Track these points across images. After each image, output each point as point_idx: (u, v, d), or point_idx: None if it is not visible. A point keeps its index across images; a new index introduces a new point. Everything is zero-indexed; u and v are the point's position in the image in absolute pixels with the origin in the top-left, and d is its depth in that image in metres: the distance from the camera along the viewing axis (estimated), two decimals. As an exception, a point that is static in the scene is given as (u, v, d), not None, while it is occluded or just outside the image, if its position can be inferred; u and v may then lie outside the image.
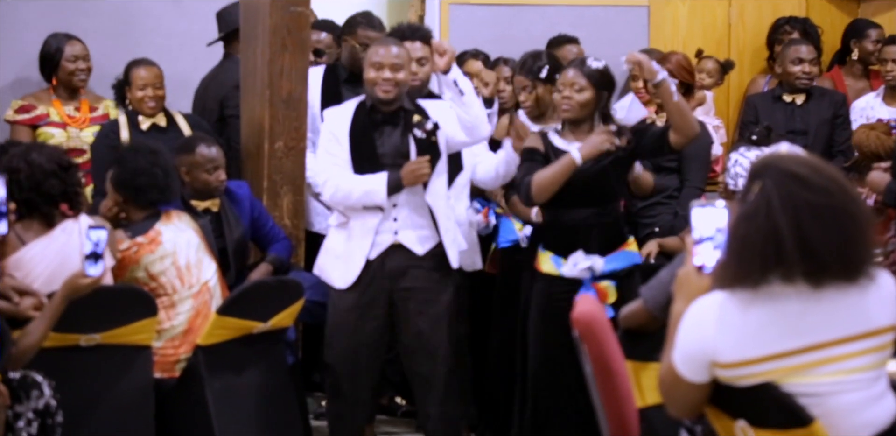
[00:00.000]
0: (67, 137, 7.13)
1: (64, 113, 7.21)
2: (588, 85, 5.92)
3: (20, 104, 7.22)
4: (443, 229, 5.98)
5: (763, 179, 3.38)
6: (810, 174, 3.36)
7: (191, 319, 5.89)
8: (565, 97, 5.93)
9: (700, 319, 3.42)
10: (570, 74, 5.95)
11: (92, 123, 7.23)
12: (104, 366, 5.55)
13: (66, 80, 7.23)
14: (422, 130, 5.90)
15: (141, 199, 5.97)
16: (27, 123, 7.17)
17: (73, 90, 7.27)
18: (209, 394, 5.73)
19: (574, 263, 5.83)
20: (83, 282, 5.00)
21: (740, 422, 3.40)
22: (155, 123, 6.93)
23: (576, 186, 5.84)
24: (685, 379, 3.44)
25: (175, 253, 5.93)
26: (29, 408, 4.91)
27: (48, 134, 7.11)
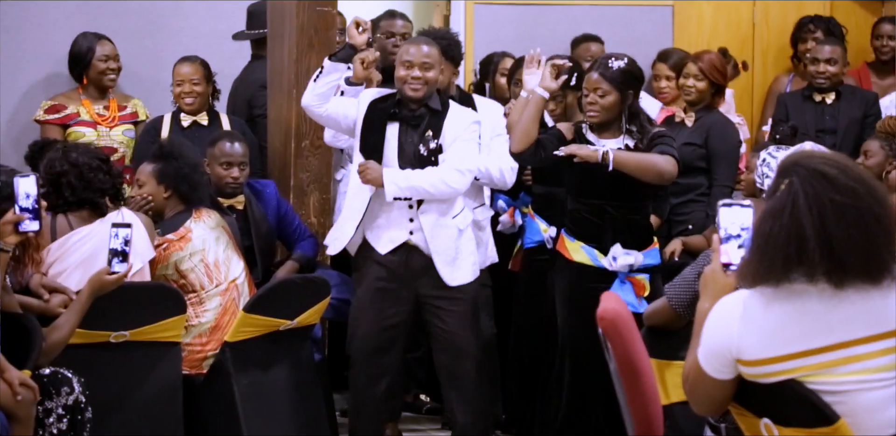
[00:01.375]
0: (98, 135, 7.15)
1: (94, 112, 7.22)
2: (611, 88, 5.86)
3: (50, 104, 7.24)
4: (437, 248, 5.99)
5: (791, 176, 3.36)
6: (838, 174, 3.33)
7: (218, 316, 5.90)
8: (589, 103, 5.90)
9: (724, 316, 3.41)
10: (593, 78, 5.89)
11: (121, 122, 7.26)
12: (133, 362, 5.58)
13: (97, 79, 7.25)
14: (426, 148, 5.96)
15: (192, 195, 6.00)
16: (57, 122, 7.19)
17: (103, 89, 7.29)
18: (236, 390, 5.75)
19: (614, 257, 5.82)
20: (109, 279, 5.04)
21: (765, 420, 3.38)
22: (196, 121, 6.96)
23: (596, 182, 5.84)
24: (710, 376, 3.41)
25: (204, 250, 5.94)
26: (59, 404, 4.93)
27: (79, 133, 7.13)
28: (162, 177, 6.03)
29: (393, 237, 6.01)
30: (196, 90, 6.95)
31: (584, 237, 5.91)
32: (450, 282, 5.99)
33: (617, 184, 5.83)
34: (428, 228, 5.96)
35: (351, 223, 6.04)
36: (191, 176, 6.00)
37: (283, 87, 6.83)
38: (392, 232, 6.00)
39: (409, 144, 5.99)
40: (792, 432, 3.34)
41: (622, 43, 8.06)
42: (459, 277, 6.03)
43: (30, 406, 4.73)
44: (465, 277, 6.05)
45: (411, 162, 5.96)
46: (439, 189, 5.92)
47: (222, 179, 6.32)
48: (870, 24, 8.55)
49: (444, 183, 5.92)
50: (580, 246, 5.90)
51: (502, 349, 6.70)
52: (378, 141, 5.99)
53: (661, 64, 7.78)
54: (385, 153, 5.98)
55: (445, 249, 5.99)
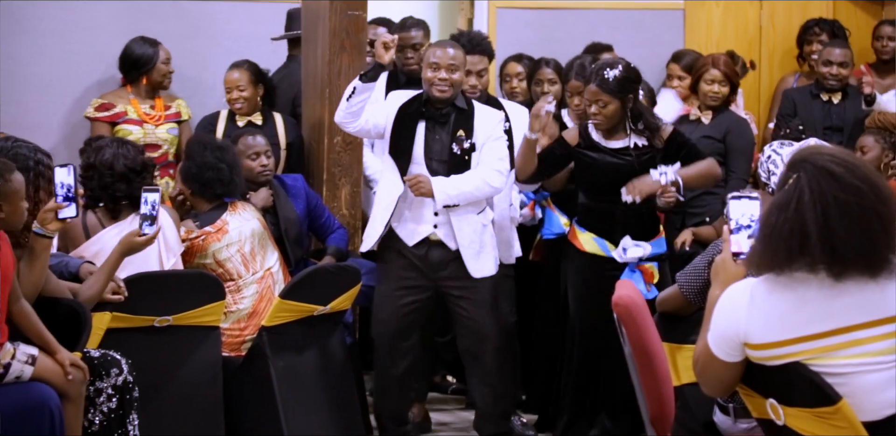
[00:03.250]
0: (144, 133, 7.18)
1: (141, 111, 7.26)
2: (611, 97, 5.90)
3: (100, 102, 7.27)
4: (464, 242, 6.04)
5: (799, 172, 3.37)
6: (844, 173, 3.33)
7: (255, 302, 5.94)
8: (592, 113, 5.94)
9: (733, 302, 3.43)
10: (591, 90, 5.92)
11: (166, 121, 7.29)
12: (176, 345, 5.61)
13: (158, 81, 7.29)
14: (459, 147, 5.99)
15: (207, 192, 6.03)
16: (106, 120, 7.22)
17: (155, 90, 7.34)
18: (273, 372, 5.78)
19: (624, 249, 5.86)
20: (139, 240, 5.15)
21: (771, 400, 3.41)
22: (251, 120, 7.00)
23: (606, 180, 5.91)
24: (719, 359, 3.44)
25: (240, 241, 5.98)
26: (109, 384, 4.97)
27: (126, 131, 7.16)
28: (182, 176, 6.13)
29: (418, 231, 6.06)
30: (243, 96, 6.98)
31: (595, 230, 5.97)
32: (475, 274, 6.04)
33: (619, 185, 5.89)
34: (456, 223, 6.00)
35: (381, 221, 6.10)
36: (199, 175, 6.02)
37: (316, 87, 6.86)
38: (418, 226, 6.06)
39: (436, 141, 6.02)
40: (796, 411, 3.37)
41: (636, 45, 8.08)
42: (483, 269, 6.07)
43: (80, 386, 4.77)
44: (488, 269, 6.10)
45: (439, 158, 6.01)
46: (483, 191, 6.01)
47: (254, 170, 6.35)
48: (870, 26, 8.54)
49: (486, 184, 5.99)
50: (591, 237, 5.95)
51: (527, 334, 6.73)
52: (408, 144, 6.03)
53: (675, 64, 7.78)
54: (413, 152, 6.03)
55: (471, 243, 6.03)
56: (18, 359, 4.61)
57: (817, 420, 3.33)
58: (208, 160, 6.00)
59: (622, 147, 5.96)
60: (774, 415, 3.40)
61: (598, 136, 6.01)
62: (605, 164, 5.95)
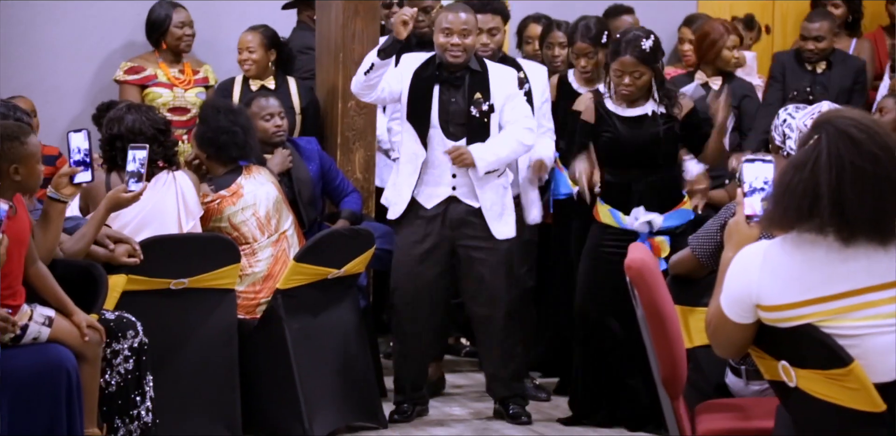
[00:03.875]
0: (174, 96, 7.19)
1: (170, 74, 7.26)
2: (647, 69, 5.81)
3: (129, 66, 7.28)
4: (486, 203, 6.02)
5: (821, 133, 3.34)
6: (865, 139, 3.28)
7: (270, 265, 5.94)
8: (625, 84, 5.81)
9: (746, 264, 3.40)
10: (628, 61, 5.79)
11: (195, 85, 7.30)
12: (192, 308, 5.62)
13: (174, 45, 7.28)
14: (477, 109, 5.95)
15: (222, 156, 6.02)
16: (136, 83, 7.23)
17: (178, 54, 7.32)
18: (288, 334, 5.78)
19: (635, 217, 5.81)
20: (125, 196, 5.11)
21: (782, 362, 3.39)
22: (264, 84, 6.98)
23: (627, 152, 5.86)
24: (731, 321, 3.42)
25: (255, 205, 5.98)
26: (126, 346, 4.99)
27: (156, 93, 7.17)
28: (197, 141, 6.12)
29: (438, 193, 6.03)
30: (252, 57, 6.97)
31: (613, 202, 5.90)
32: (497, 235, 6.01)
33: (642, 154, 5.84)
34: (477, 184, 5.98)
35: (407, 188, 6.06)
36: (214, 139, 6.01)
37: (330, 52, 6.84)
38: (437, 188, 6.03)
39: (452, 104, 5.99)
40: (808, 373, 3.34)
41: (649, 8, 8.01)
42: (505, 231, 6.05)
43: (97, 347, 4.78)
44: (509, 231, 6.08)
45: (457, 121, 5.98)
46: (518, 151, 6.02)
47: (268, 131, 6.35)
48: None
49: (521, 144, 5.98)
50: (607, 209, 5.91)
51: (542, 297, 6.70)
52: (425, 108, 6.01)
53: (686, 28, 7.73)
54: (430, 116, 6.01)
55: (493, 205, 6.02)
56: (35, 320, 4.63)
57: (829, 382, 3.31)
58: (222, 124, 5.99)
59: (641, 114, 5.89)
60: (786, 377, 3.38)
61: (614, 105, 5.93)
62: (627, 136, 5.87)
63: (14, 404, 4.45)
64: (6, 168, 4.57)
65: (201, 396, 5.64)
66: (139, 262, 5.35)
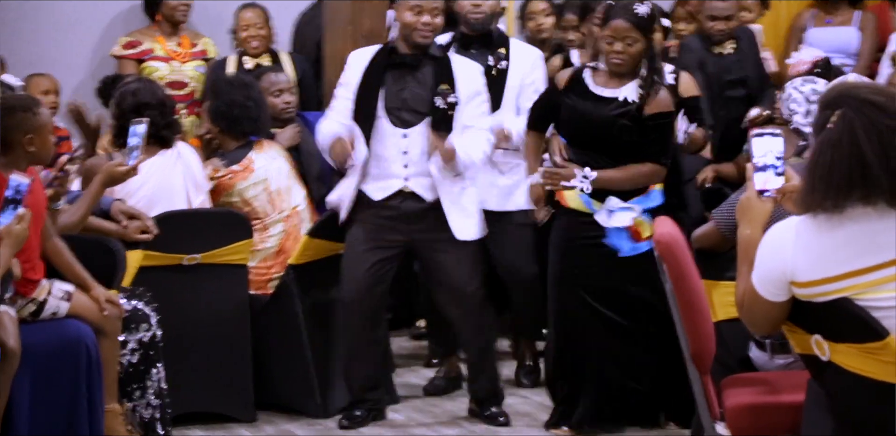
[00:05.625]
0: (171, 70, 7.16)
1: (168, 48, 7.23)
2: (640, 36, 5.31)
3: (127, 40, 7.25)
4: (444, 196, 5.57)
5: (841, 107, 3.34)
6: (886, 102, 3.32)
7: (282, 241, 5.92)
8: (616, 52, 5.33)
9: (778, 242, 3.39)
10: (621, 26, 5.31)
11: (193, 58, 7.27)
12: (204, 283, 5.62)
13: (169, 15, 7.25)
14: (443, 101, 5.54)
15: (235, 130, 5.99)
16: (133, 57, 7.21)
17: (175, 26, 7.28)
18: (299, 309, 5.77)
19: (609, 214, 5.34)
20: (120, 170, 5.05)
21: (816, 336, 3.38)
22: (259, 63, 6.95)
23: (582, 129, 5.40)
24: (764, 299, 3.40)
25: (267, 180, 5.96)
26: (134, 339, 4.97)
27: (153, 67, 7.14)
28: (210, 115, 6.07)
29: (388, 185, 5.59)
30: (261, 34, 7.00)
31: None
32: (458, 235, 5.56)
33: (599, 136, 5.39)
34: (437, 179, 5.54)
35: (350, 185, 5.62)
36: (228, 112, 5.97)
37: (339, 25, 6.78)
38: (387, 181, 5.58)
39: (406, 90, 5.58)
40: (843, 347, 3.33)
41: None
42: (468, 233, 5.60)
43: (116, 321, 4.77)
44: (471, 234, 5.62)
45: (413, 108, 5.57)
46: (482, 160, 5.62)
47: (277, 107, 6.32)
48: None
49: (485, 154, 5.64)
50: (576, 193, 5.40)
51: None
52: (371, 101, 5.57)
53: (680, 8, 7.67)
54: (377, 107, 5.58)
55: (452, 203, 5.56)
56: (54, 295, 4.61)
57: (864, 355, 3.30)
58: (236, 98, 5.96)
59: (612, 96, 5.39)
60: (819, 351, 3.37)
61: (592, 80, 5.45)
62: (581, 111, 5.40)
63: (35, 380, 4.45)
64: (20, 138, 4.56)
65: (214, 372, 5.64)
66: (152, 238, 5.32)
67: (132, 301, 5.01)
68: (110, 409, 4.71)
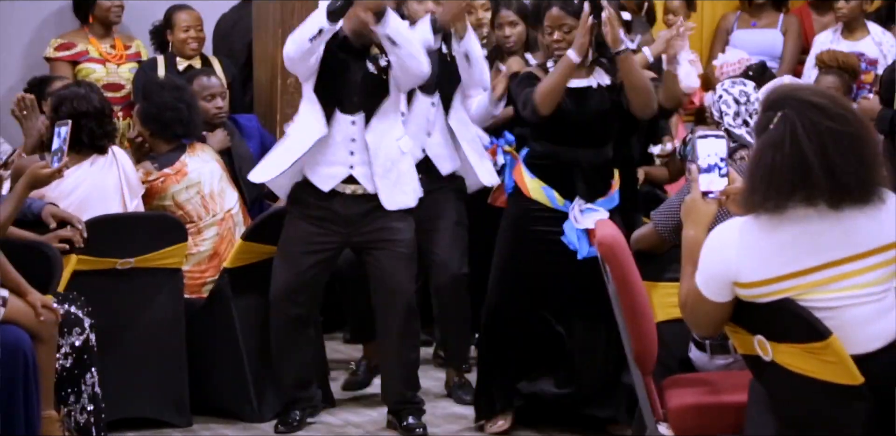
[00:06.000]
0: (107, 72, 7.08)
1: (102, 50, 7.15)
2: (576, 22, 5.27)
3: (60, 42, 7.16)
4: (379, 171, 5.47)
5: (783, 109, 3.38)
6: (828, 104, 3.37)
7: (216, 244, 5.89)
8: (555, 41, 5.33)
9: (721, 243, 3.43)
10: (554, 14, 5.32)
11: (128, 60, 7.19)
12: (139, 288, 5.56)
13: (103, 17, 7.16)
14: (374, 66, 5.46)
15: (166, 133, 5.94)
16: (68, 59, 7.11)
17: (108, 28, 7.21)
18: (235, 313, 5.74)
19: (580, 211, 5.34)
20: (44, 172, 4.95)
21: (758, 337, 3.42)
22: (191, 64, 6.91)
23: (577, 127, 5.39)
24: (708, 300, 3.44)
25: (200, 183, 5.92)
26: (67, 343, 4.92)
27: (89, 69, 7.06)
28: (141, 118, 6.03)
29: (332, 173, 5.49)
30: (200, 36, 6.97)
31: (547, 179, 5.43)
32: (388, 205, 5.45)
33: (587, 131, 5.42)
34: (372, 148, 5.44)
35: (290, 156, 5.49)
36: (159, 115, 5.92)
37: (268, 28, 6.79)
38: (331, 168, 5.48)
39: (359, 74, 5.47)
40: (785, 347, 3.38)
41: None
42: (400, 201, 5.50)
43: (53, 327, 4.72)
44: (404, 201, 5.52)
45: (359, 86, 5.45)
46: (419, 58, 5.41)
47: (209, 111, 6.27)
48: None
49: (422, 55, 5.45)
50: (540, 186, 5.41)
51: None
52: (335, 82, 5.46)
53: None
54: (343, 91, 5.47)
55: (386, 172, 5.46)
56: (-12, 301, 4.55)
57: (807, 355, 3.35)
58: (167, 100, 5.91)
59: (585, 86, 5.42)
60: (762, 351, 3.42)
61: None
62: (571, 110, 5.37)
63: (-29, 387, 4.38)
64: None
65: (150, 377, 5.59)
66: (82, 244, 5.26)
67: (65, 305, 4.95)
68: (47, 415, 4.66)
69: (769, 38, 8.03)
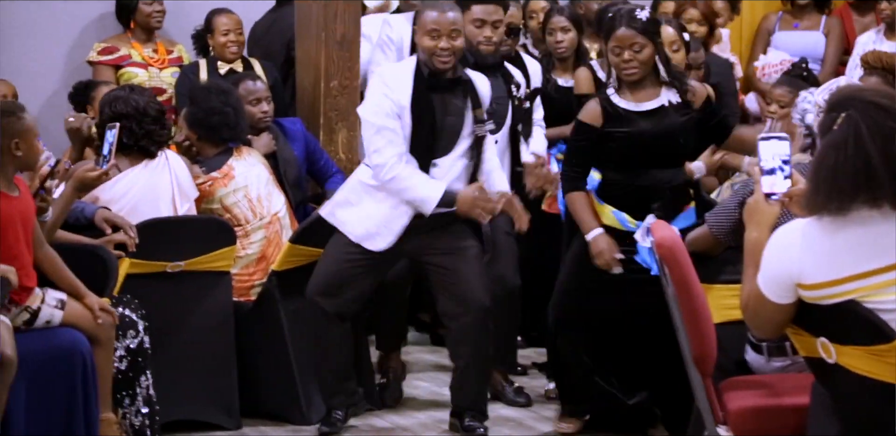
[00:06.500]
0: (149, 76, 7.14)
1: (144, 54, 7.21)
2: (646, 40, 5.23)
3: (103, 46, 7.22)
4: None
5: (847, 110, 3.38)
6: (892, 105, 3.37)
7: (263, 247, 5.92)
8: (625, 60, 5.24)
9: (784, 244, 3.43)
10: (625, 34, 5.24)
11: (170, 64, 7.25)
12: (188, 290, 5.60)
13: (144, 22, 7.23)
14: (479, 129, 5.45)
15: (214, 137, 5.98)
16: (111, 63, 7.17)
17: (149, 32, 7.27)
18: (283, 315, 5.77)
19: (647, 232, 5.15)
20: (91, 175, 5.03)
21: (821, 339, 3.42)
22: (232, 68, 6.95)
23: (654, 148, 5.29)
24: (771, 301, 3.44)
25: (247, 187, 5.95)
26: (122, 346, 4.96)
27: (131, 74, 7.11)
28: (188, 121, 6.05)
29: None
30: (240, 40, 7.01)
31: (619, 204, 5.34)
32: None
33: (664, 150, 5.31)
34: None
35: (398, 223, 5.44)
36: (206, 120, 5.96)
37: (311, 31, 6.80)
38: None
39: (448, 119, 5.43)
40: (849, 349, 3.37)
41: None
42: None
43: (110, 330, 4.77)
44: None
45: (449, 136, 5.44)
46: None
47: (254, 116, 6.29)
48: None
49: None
50: (610, 210, 5.34)
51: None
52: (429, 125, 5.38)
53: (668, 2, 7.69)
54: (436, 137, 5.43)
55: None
56: (48, 303, 4.60)
57: (871, 358, 3.35)
58: (214, 105, 5.95)
59: (657, 107, 5.31)
60: (825, 353, 3.42)
61: (625, 101, 5.33)
62: (646, 132, 5.28)
63: (31, 389, 4.45)
64: (7, 144, 4.55)
65: (199, 380, 5.62)
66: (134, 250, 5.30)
67: (119, 308, 5.00)
68: (105, 417, 4.71)
69: (811, 40, 8.05)
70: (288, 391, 5.77)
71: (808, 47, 8.02)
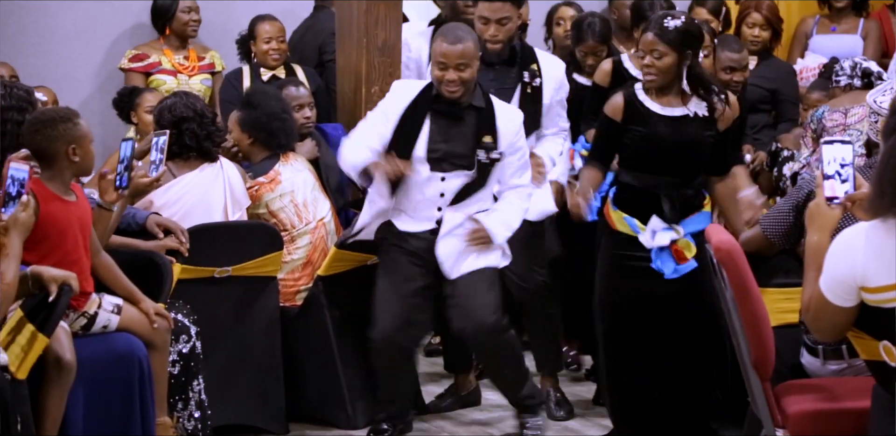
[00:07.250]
0: (178, 83, 7.19)
1: (175, 61, 7.26)
2: (668, 49, 5.24)
3: (134, 53, 7.29)
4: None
5: None
6: None
7: (309, 252, 5.96)
8: (646, 65, 5.31)
9: (848, 247, 3.45)
10: (648, 39, 5.27)
11: (200, 72, 7.31)
12: (235, 296, 5.65)
13: (180, 30, 7.30)
14: (486, 156, 5.51)
15: (270, 141, 6.01)
16: (141, 70, 7.24)
17: (184, 40, 7.33)
18: (329, 320, 5.81)
19: (652, 235, 5.29)
20: (143, 181, 5.07)
21: (884, 342, 3.44)
22: (275, 74, 7.00)
23: (664, 155, 5.33)
24: (833, 304, 3.46)
25: (293, 192, 5.99)
26: (175, 350, 5.00)
27: (160, 81, 7.18)
28: (244, 125, 6.05)
29: (420, 226, 5.58)
30: (282, 47, 7.06)
31: (631, 210, 5.37)
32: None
33: (681, 159, 5.35)
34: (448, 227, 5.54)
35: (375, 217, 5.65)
36: (268, 124, 5.99)
37: (352, 37, 6.82)
38: (419, 223, 5.59)
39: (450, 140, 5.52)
40: (913, 352, 3.40)
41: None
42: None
43: (165, 334, 4.82)
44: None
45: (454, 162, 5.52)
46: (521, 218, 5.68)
47: (298, 122, 6.33)
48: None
49: (524, 210, 5.68)
50: (622, 217, 5.37)
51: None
52: (411, 141, 5.50)
53: (700, 8, 7.70)
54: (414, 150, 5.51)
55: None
56: (105, 308, 4.66)
57: (934, 361, 3.37)
58: (275, 110, 5.99)
59: (680, 115, 5.33)
60: (888, 357, 3.44)
61: (652, 102, 5.37)
62: (666, 136, 5.31)
63: (89, 393, 4.49)
64: (65, 149, 4.59)
65: (246, 384, 5.67)
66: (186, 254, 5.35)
67: (172, 313, 5.04)
68: (161, 422, 4.76)
69: (849, 44, 8.03)
70: (334, 396, 5.82)
71: (847, 50, 7.99)
